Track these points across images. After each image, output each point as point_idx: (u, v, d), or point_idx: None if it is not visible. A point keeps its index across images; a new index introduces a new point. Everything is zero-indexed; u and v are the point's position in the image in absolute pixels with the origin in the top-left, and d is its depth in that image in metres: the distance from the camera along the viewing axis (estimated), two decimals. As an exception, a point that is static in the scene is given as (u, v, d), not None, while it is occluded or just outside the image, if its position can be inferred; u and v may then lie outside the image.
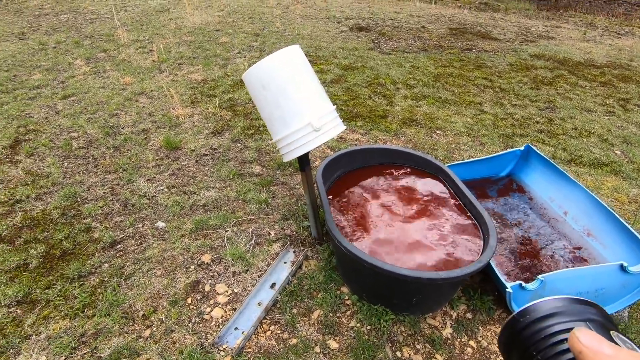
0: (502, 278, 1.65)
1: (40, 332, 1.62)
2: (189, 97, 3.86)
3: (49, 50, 5.34)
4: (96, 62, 4.89)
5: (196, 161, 2.84)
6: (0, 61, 4.89)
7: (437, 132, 3.36)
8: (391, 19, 7.56)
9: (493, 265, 1.71)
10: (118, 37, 5.85)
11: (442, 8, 9.64)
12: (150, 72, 4.49)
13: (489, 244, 1.60)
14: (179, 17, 7.11)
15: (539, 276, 1.60)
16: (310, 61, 5.06)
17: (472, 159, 2.63)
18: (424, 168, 2.17)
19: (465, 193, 1.90)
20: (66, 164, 2.81)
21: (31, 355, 1.53)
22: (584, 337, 0.30)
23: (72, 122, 3.36)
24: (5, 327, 1.64)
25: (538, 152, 2.38)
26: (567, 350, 0.33)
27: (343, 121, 3.36)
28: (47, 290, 1.81)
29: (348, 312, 1.77)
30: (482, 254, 1.60)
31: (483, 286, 1.89)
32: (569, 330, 0.34)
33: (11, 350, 1.56)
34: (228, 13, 7.42)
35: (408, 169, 2.19)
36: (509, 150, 2.54)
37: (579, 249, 2.01)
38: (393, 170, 2.19)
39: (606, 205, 1.98)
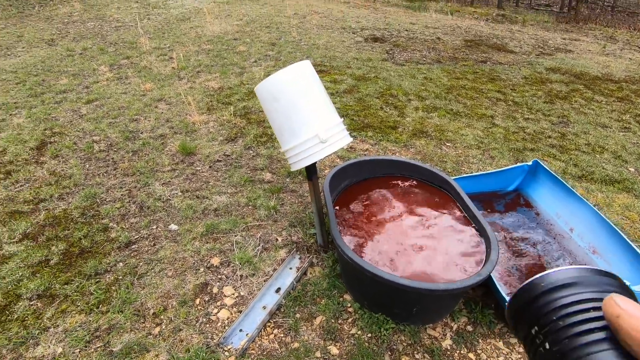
0: (503, 292, 1.67)
1: (58, 325, 1.72)
2: (205, 104, 3.99)
3: (76, 57, 5.60)
4: (119, 68, 5.10)
5: (210, 167, 2.94)
6: (30, 66, 5.16)
7: (447, 144, 3.38)
8: (406, 30, 7.62)
9: (494, 279, 1.73)
10: (141, 44, 6.09)
11: (458, 19, 9.66)
12: (169, 79, 4.67)
13: (490, 258, 1.63)
14: (199, 25, 7.34)
15: (540, 292, 1.61)
16: (324, 71, 5.14)
17: (480, 172, 2.65)
18: (430, 180, 2.21)
19: (470, 206, 1.93)
20: (87, 166, 2.95)
21: (49, 347, 1.63)
22: (622, 301, 0.30)
23: (94, 126, 3.53)
24: (26, 318, 1.75)
25: (545, 167, 2.38)
26: (584, 321, 0.32)
27: (353, 131, 3.44)
28: (65, 286, 1.91)
29: (350, 320, 1.81)
30: (482, 267, 1.63)
31: (485, 299, 1.90)
32: (587, 300, 0.33)
33: (31, 341, 1.66)
34: (246, 22, 7.63)
35: (414, 181, 2.23)
36: (517, 164, 2.55)
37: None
38: (399, 182, 2.24)
39: (612, 223, 1.97)
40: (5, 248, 2.15)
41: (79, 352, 1.62)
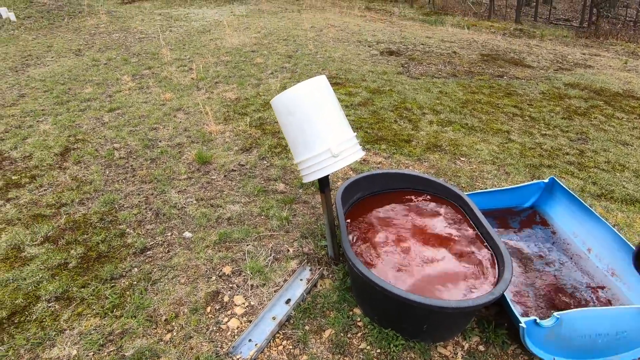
0: (517, 312, 1.63)
1: (73, 328, 1.77)
2: (222, 114, 4.09)
3: (101, 66, 5.83)
4: (141, 78, 5.29)
5: (224, 176, 3.00)
6: (58, 75, 5.39)
7: (462, 159, 3.36)
8: (422, 44, 7.66)
9: (508, 299, 1.70)
10: (162, 55, 6.30)
11: (475, 34, 9.65)
12: (188, 90, 4.80)
13: (503, 277, 1.60)
14: (219, 38, 7.55)
15: (555, 313, 1.57)
16: (339, 83, 5.20)
17: (494, 189, 2.62)
18: (443, 195, 2.19)
19: (483, 223, 1.91)
20: (107, 172, 3.05)
21: (64, 349, 1.68)
22: None
23: (115, 134, 3.65)
24: (44, 320, 1.81)
25: (562, 185, 2.34)
26: None
27: (367, 144, 3.46)
28: (82, 289, 1.97)
29: (359, 334, 1.80)
30: (495, 285, 1.61)
31: (498, 319, 1.86)
32: None
33: (47, 342, 1.71)
34: (264, 35, 7.81)
35: (427, 196, 2.22)
36: (533, 181, 2.51)
37: (602, 288, 1.95)
38: (412, 196, 2.23)
39: (632, 245, 1.91)
40: (27, 250, 2.23)
41: (93, 355, 1.65)
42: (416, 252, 1.85)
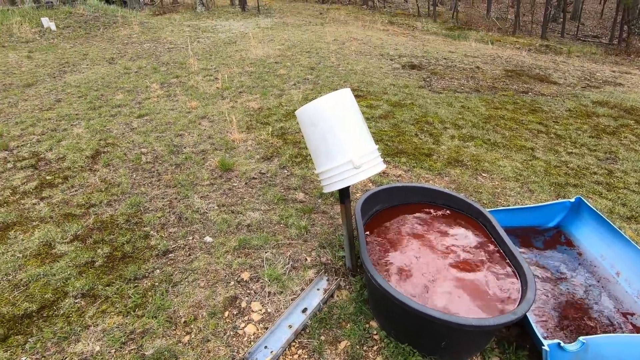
0: (540, 334, 1.59)
1: (97, 325, 1.83)
2: (245, 123, 4.19)
3: (132, 74, 6.09)
4: (169, 86, 5.49)
5: (245, 183, 3.06)
6: (92, 82, 5.67)
7: (483, 174, 3.31)
8: (445, 58, 7.65)
9: (531, 320, 1.65)
10: (189, 65, 6.53)
11: (499, 49, 9.56)
12: (213, 98, 4.95)
13: (526, 297, 1.56)
14: (244, 49, 7.78)
15: (581, 338, 1.52)
16: (360, 96, 5.25)
17: (518, 206, 2.57)
18: (464, 211, 2.17)
19: (505, 240, 1.88)
20: (134, 175, 3.16)
21: (88, 344, 1.73)
22: None
23: (143, 139, 3.79)
24: (70, 315, 1.88)
25: (590, 205, 2.27)
26: None
27: (387, 156, 3.46)
28: (107, 288, 2.04)
29: (375, 347, 1.78)
30: (518, 305, 1.57)
31: (519, 340, 1.81)
32: None
33: (73, 337, 1.77)
34: (288, 47, 7.98)
35: (447, 211, 2.20)
36: (558, 200, 2.45)
37: (632, 314, 1.87)
38: (432, 210, 2.22)
39: (665, 271, 1.83)
40: (58, 247, 2.34)
41: (114, 352, 1.70)
42: (435, 267, 1.83)
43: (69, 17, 10.00)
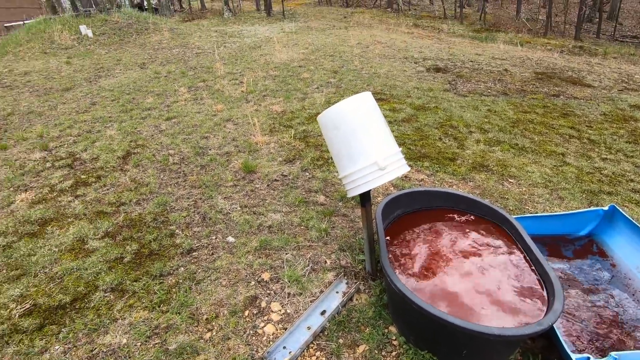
0: (568, 348, 1.52)
1: (125, 318, 1.91)
2: (268, 126, 4.26)
3: (161, 79, 6.32)
4: (196, 90, 5.66)
5: (267, 185, 3.11)
6: (124, 86, 5.93)
7: (510, 180, 3.21)
8: (471, 61, 7.48)
9: (558, 332, 1.59)
10: (216, 69, 6.71)
11: (529, 51, 9.26)
12: (238, 102, 5.07)
13: (553, 307, 1.50)
14: (269, 53, 7.91)
15: (613, 353, 1.45)
16: (383, 99, 5.22)
17: (546, 213, 2.48)
18: (488, 217, 2.11)
19: (532, 248, 1.82)
20: (162, 176, 3.28)
21: (116, 337, 1.81)
22: None
23: (171, 141, 3.93)
24: (100, 308, 1.97)
25: (624, 214, 2.16)
26: None
27: (410, 160, 3.42)
28: (134, 283, 2.12)
29: (394, 353, 1.76)
30: (544, 316, 1.51)
31: (545, 353, 1.74)
32: None
33: (102, 329, 1.86)
34: (311, 51, 8.05)
35: (471, 216, 2.16)
36: (590, 208, 2.34)
37: (671, 331, 1.75)
38: (455, 216, 2.17)
39: None
40: (90, 243, 2.46)
41: (140, 345, 1.77)
42: (457, 274, 1.79)
43: (104, 25, 10.51)
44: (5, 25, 11.08)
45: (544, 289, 1.68)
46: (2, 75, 6.90)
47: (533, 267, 1.79)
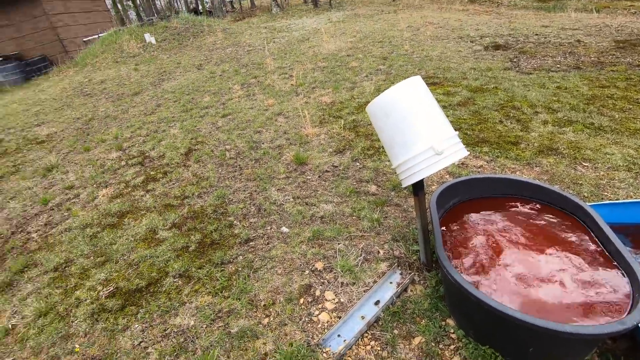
0: (657, 350, 1.35)
1: (192, 302, 2.08)
2: (318, 117, 4.28)
3: (217, 78, 6.65)
4: (248, 87, 5.87)
5: (319, 176, 3.15)
6: (184, 87, 6.34)
7: (584, 164, 2.89)
8: (536, 35, 6.81)
9: (645, 332, 1.41)
10: (266, 65, 6.89)
11: (607, 17, 8.18)
12: (288, 95, 5.16)
13: (638, 305, 1.34)
14: (316, 45, 7.92)
15: None
16: (436, 83, 4.99)
17: (630, 200, 2.20)
18: (558, 205, 1.93)
19: (611, 239, 1.63)
20: (220, 170, 3.47)
21: (185, 318, 1.98)
22: None
23: (227, 137, 4.13)
24: (171, 292, 2.16)
25: None
26: None
27: (467, 146, 3.24)
28: (199, 270, 2.29)
29: (452, 346, 1.70)
30: (627, 314, 1.35)
31: (629, 355, 1.56)
32: None
33: (172, 311, 2.04)
34: (359, 39, 7.90)
35: (537, 205, 1.98)
36: (687, 193, 2.03)
37: None
38: (518, 204, 2.02)
39: None
40: (160, 233, 2.69)
41: (205, 327, 1.91)
42: (520, 266, 1.67)
43: (165, 31, 11.29)
44: (84, 39, 12.42)
45: (628, 284, 1.50)
46: (83, 85, 7.76)
47: (613, 260, 1.60)
